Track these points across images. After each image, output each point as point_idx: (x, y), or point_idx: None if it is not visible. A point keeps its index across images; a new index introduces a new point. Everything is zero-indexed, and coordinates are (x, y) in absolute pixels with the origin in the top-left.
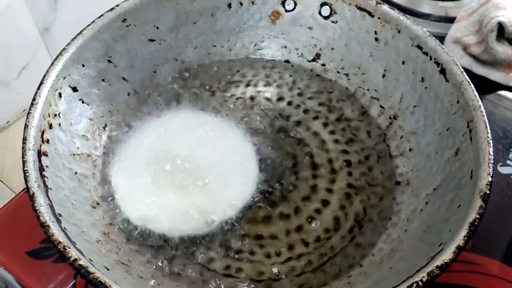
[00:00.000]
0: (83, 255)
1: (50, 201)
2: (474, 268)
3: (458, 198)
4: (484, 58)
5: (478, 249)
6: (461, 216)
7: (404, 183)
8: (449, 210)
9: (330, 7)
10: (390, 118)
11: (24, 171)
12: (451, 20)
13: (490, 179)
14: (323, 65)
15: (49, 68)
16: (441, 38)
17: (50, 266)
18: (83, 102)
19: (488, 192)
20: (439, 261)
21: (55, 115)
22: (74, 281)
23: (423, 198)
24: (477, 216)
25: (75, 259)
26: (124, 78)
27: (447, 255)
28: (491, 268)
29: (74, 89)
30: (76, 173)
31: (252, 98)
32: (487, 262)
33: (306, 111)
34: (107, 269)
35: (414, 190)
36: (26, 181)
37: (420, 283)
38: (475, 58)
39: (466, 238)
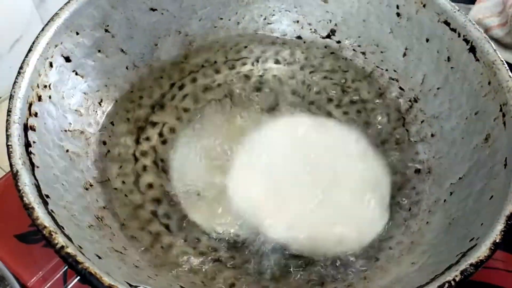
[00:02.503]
0: (72, 241)
1: (37, 180)
2: (495, 265)
3: (489, 189)
4: (507, 41)
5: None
6: (494, 208)
7: (424, 171)
8: (479, 202)
9: None
10: (410, 101)
11: (8, 146)
12: (472, 0)
13: None
14: (338, 42)
15: (39, 34)
16: None
17: (40, 250)
18: (76, 74)
19: None
20: (473, 258)
21: (45, 86)
22: (66, 268)
23: (447, 188)
24: None
25: (62, 246)
26: (122, 50)
27: (482, 252)
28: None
29: (67, 59)
30: (67, 151)
31: (260, 76)
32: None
33: (318, 92)
34: (99, 257)
35: (436, 179)
36: (9, 158)
37: (453, 283)
38: (497, 41)
39: (503, 233)
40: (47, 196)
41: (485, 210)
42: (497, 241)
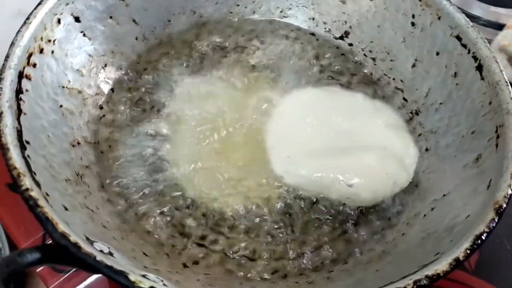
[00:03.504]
0: (40, 188)
1: (20, 125)
2: None
3: (468, 208)
4: None
5: (481, 273)
6: (468, 227)
7: (412, 184)
8: (456, 220)
9: None
10: (411, 112)
11: None
12: (500, 26)
13: (510, 191)
14: (350, 44)
15: None
16: None
17: None
18: (84, 35)
19: (505, 205)
20: (430, 271)
21: (49, 40)
22: None
23: (430, 203)
24: (486, 230)
25: (27, 189)
26: (134, 20)
27: (442, 266)
28: None
29: (77, 19)
30: (61, 106)
31: (266, 67)
32: None
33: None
34: (66, 209)
35: (422, 193)
36: None
37: None
38: None
39: (468, 251)
40: (27, 142)
41: (458, 228)
42: (460, 258)
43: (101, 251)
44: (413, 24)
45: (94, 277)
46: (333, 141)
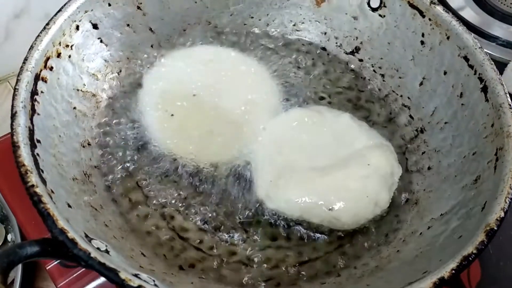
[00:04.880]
0: (45, 185)
1: (33, 125)
2: None
3: (462, 229)
4: None
5: None
6: (458, 247)
7: (412, 202)
8: (449, 239)
9: None
10: (417, 130)
11: (14, 89)
12: None
13: (502, 215)
14: (361, 60)
15: None
16: (502, 65)
17: None
18: (101, 41)
19: (495, 228)
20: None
21: (67, 45)
22: None
23: (427, 222)
24: (474, 251)
25: (32, 185)
26: (151, 29)
27: (425, 284)
28: None
29: (95, 26)
30: (74, 108)
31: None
32: None
33: (330, 104)
34: (69, 206)
35: (420, 211)
36: (12, 99)
37: None
38: None
39: (453, 271)
40: (38, 141)
41: (450, 248)
42: (445, 277)
43: (98, 248)
44: (422, 42)
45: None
46: (317, 162)
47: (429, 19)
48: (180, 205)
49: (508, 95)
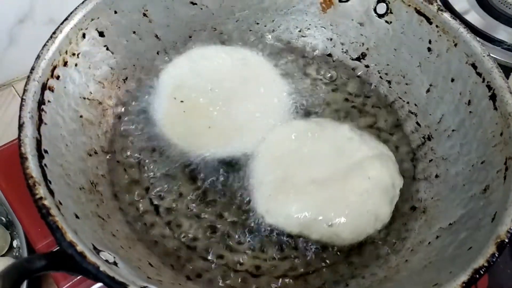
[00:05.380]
0: (53, 196)
1: (40, 135)
2: None
3: (471, 240)
4: None
5: None
6: (468, 259)
7: (420, 210)
8: (458, 250)
9: (387, 5)
10: (424, 137)
11: (22, 100)
12: None
13: None
14: (367, 66)
15: (78, 6)
16: (508, 69)
17: None
18: (107, 49)
19: (506, 240)
20: None
21: (74, 54)
22: None
23: (435, 231)
24: (485, 264)
25: (41, 197)
26: (156, 36)
27: None
28: None
29: (101, 34)
30: (81, 116)
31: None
32: None
33: (336, 111)
34: (77, 217)
35: (428, 220)
36: (20, 110)
37: None
38: None
39: (464, 284)
40: (45, 151)
41: (460, 259)
42: None
43: (107, 260)
44: (429, 49)
45: None
46: (317, 175)
47: (437, 26)
48: (187, 214)
49: None
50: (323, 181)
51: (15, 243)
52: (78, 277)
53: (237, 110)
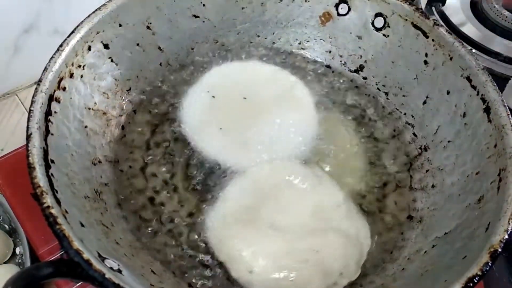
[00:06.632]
0: (60, 205)
1: (47, 145)
2: None
3: (466, 249)
4: None
5: None
6: (463, 268)
7: (416, 220)
8: (454, 259)
9: (385, 19)
10: (420, 148)
11: (29, 111)
12: None
13: (506, 236)
14: (365, 78)
15: (84, 19)
16: (504, 81)
17: None
18: (112, 61)
19: (499, 250)
20: None
21: (79, 66)
22: None
23: (431, 240)
24: (479, 273)
25: (48, 206)
26: (159, 48)
27: None
28: None
29: (106, 46)
30: (86, 126)
31: None
32: None
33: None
34: (82, 225)
35: (425, 229)
36: (28, 121)
37: None
38: None
39: None
40: (52, 161)
41: (455, 268)
42: None
43: (111, 268)
44: (426, 62)
45: None
46: (282, 222)
47: (433, 40)
48: (189, 221)
49: (510, 117)
50: (282, 229)
51: (18, 250)
52: (79, 283)
53: (256, 127)
